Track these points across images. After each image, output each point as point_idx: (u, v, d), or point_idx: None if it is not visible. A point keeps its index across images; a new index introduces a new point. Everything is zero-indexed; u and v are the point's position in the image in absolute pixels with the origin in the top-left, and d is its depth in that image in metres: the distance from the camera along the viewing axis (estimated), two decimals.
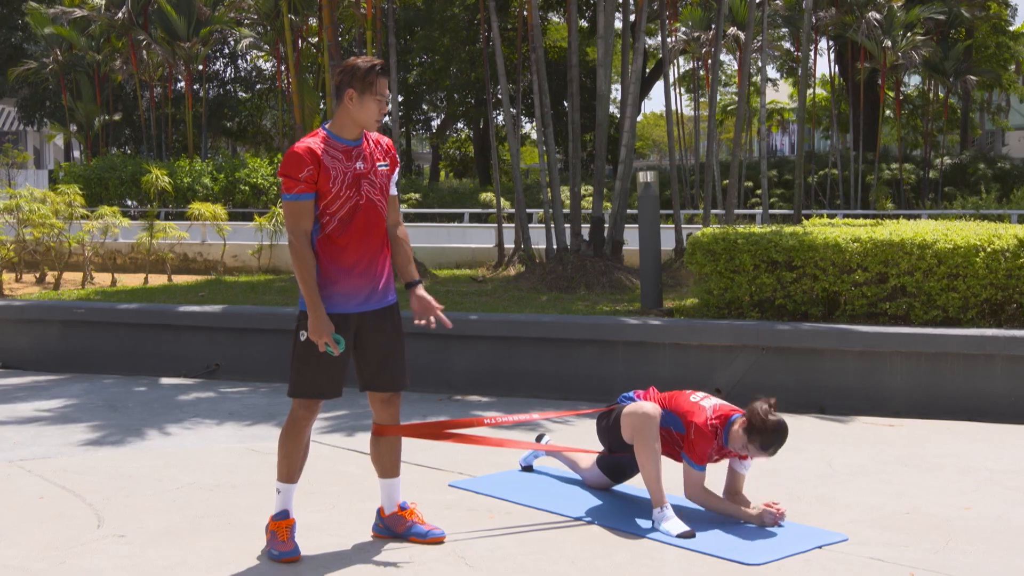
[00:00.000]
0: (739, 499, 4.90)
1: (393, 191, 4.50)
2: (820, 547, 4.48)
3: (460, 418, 5.43)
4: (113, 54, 30.46)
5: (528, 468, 5.68)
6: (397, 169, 4.53)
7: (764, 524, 4.71)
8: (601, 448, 5.28)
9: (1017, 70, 37.03)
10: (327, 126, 4.40)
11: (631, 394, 5.13)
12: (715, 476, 5.04)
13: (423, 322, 4.49)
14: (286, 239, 4.41)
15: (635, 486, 5.38)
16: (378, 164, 4.41)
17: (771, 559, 4.33)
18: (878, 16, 26.60)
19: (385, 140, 4.51)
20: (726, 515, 4.79)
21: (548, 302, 9.93)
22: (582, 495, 5.22)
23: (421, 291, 4.51)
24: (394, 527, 4.59)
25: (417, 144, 50.18)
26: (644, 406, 4.82)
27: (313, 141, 4.32)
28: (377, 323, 4.43)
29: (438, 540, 4.53)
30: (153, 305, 9.68)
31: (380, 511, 4.65)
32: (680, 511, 4.79)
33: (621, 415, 4.92)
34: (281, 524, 4.41)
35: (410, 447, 6.00)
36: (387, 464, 4.60)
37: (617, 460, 5.16)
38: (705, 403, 4.86)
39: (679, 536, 4.56)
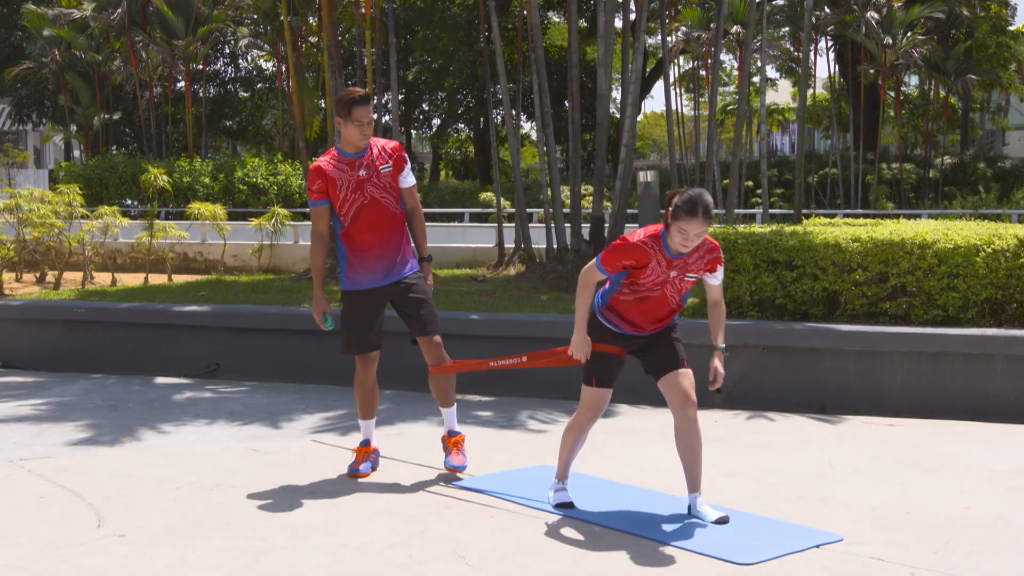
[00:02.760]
0: (716, 314, 4.98)
1: (408, 183, 5.49)
2: (817, 546, 4.48)
3: (472, 361, 5.76)
4: (112, 54, 30.42)
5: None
6: (407, 165, 5.48)
7: (573, 354, 4.90)
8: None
9: (1017, 69, 36.96)
10: (338, 144, 5.43)
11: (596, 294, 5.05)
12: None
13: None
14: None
15: (636, 485, 5.39)
16: (380, 168, 5.39)
17: (765, 559, 4.34)
18: (876, 16, 26.59)
19: (391, 144, 5.47)
20: (576, 313, 4.87)
21: (548, 302, 9.93)
22: (582, 495, 5.22)
23: (426, 273, 5.58)
24: (443, 449, 5.67)
25: (418, 143, 50.18)
26: (592, 402, 4.95)
27: (324, 159, 5.40)
28: (403, 290, 5.50)
29: (450, 471, 5.54)
30: (153, 305, 9.68)
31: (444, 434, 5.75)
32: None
33: (582, 386, 4.99)
34: (362, 450, 5.67)
35: (414, 448, 6.02)
36: (439, 395, 5.65)
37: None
38: (637, 231, 4.91)
39: (556, 507, 5.00)
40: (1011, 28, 34.89)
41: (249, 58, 39.43)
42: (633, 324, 4.92)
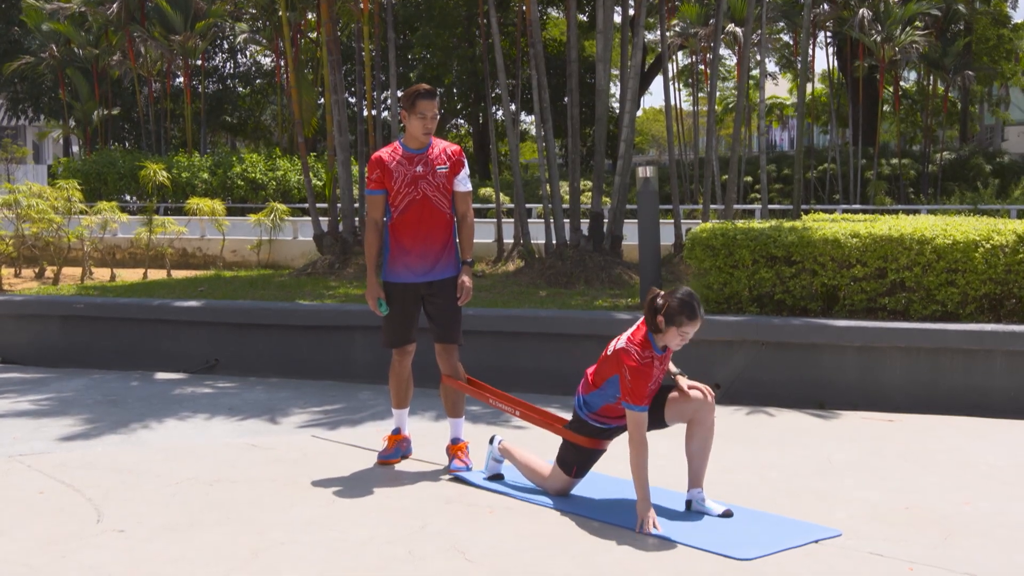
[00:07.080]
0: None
1: (462, 188, 5.60)
2: (816, 542, 4.49)
3: (474, 388, 5.80)
4: (111, 49, 30.37)
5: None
6: (464, 170, 5.61)
7: (643, 522, 4.64)
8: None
9: (1018, 62, 36.87)
10: (401, 138, 5.60)
11: (578, 397, 5.10)
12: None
13: (459, 298, 5.58)
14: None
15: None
16: (437, 167, 5.53)
17: (764, 554, 4.34)
18: (869, 14, 26.55)
19: (452, 148, 5.61)
20: (635, 482, 4.71)
21: (547, 297, 9.93)
22: (582, 491, 5.22)
23: (464, 274, 5.59)
24: (448, 455, 5.70)
25: None
26: (562, 487, 5.11)
27: (386, 151, 5.58)
28: (434, 292, 5.60)
29: (453, 471, 5.52)
30: (152, 300, 9.68)
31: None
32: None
33: (555, 465, 5.17)
34: (393, 438, 5.84)
35: (414, 444, 6.01)
36: (449, 407, 5.76)
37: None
38: (630, 345, 4.76)
39: (487, 479, 5.37)
40: (1013, 22, 34.81)
41: (248, 53, 39.40)
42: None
